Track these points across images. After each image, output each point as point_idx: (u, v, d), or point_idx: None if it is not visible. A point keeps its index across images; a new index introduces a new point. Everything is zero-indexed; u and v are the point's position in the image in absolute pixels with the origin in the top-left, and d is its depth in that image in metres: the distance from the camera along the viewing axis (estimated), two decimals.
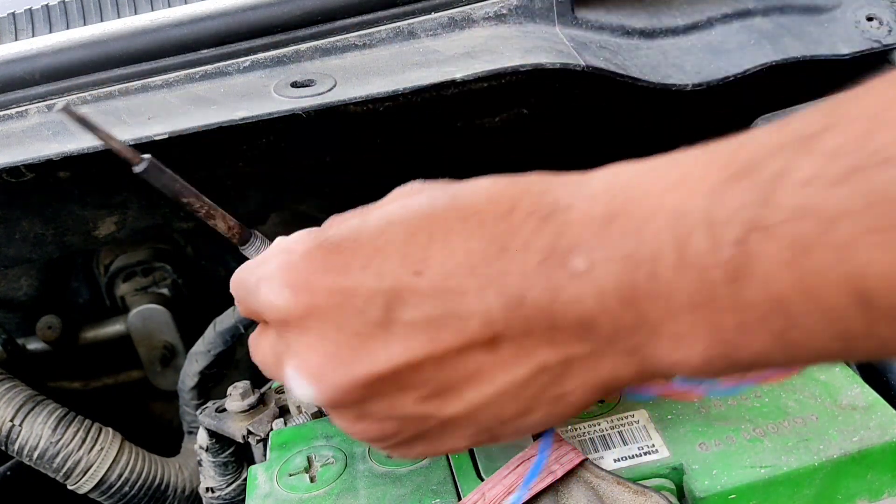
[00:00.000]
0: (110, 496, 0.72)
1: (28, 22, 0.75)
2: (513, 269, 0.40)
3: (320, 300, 0.42)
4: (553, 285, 0.39)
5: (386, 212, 0.44)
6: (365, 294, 0.41)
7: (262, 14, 0.71)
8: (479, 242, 0.41)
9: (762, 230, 0.34)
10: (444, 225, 0.42)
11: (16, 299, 0.97)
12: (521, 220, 0.41)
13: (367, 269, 0.42)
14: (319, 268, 0.43)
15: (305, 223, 0.99)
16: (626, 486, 0.49)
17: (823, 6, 0.80)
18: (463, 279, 0.40)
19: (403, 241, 0.42)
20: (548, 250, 0.39)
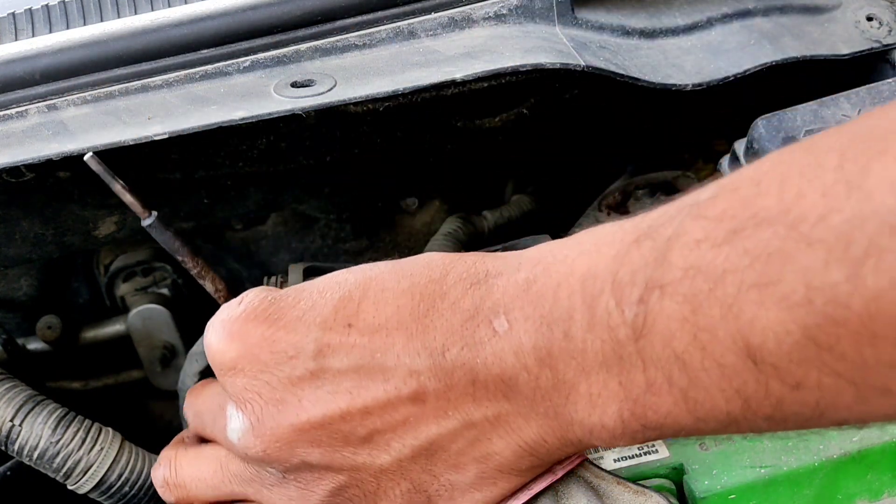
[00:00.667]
0: (110, 496, 0.72)
1: (28, 22, 0.75)
2: (438, 326, 0.42)
3: (254, 346, 0.45)
4: (475, 342, 0.42)
5: (331, 275, 0.47)
6: (297, 343, 0.44)
7: (262, 14, 0.71)
8: (410, 301, 0.43)
9: (659, 288, 0.36)
10: (378, 284, 0.45)
11: (16, 299, 0.97)
12: (452, 283, 0.44)
13: (301, 320, 0.44)
14: (258, 317, 0.45)
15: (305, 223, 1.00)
16: (626, 486, 0.49)
17: (823, 6, 0.80)
18: (391, 333, 0.43)
19: (339, 297, 0.45)
20: (473, 311, 0.42)
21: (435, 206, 0.99)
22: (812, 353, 0.33)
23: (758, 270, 0.34)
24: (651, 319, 0.37)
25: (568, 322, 0.40)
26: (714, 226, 0.35)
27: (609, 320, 0.38)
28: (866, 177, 0.31)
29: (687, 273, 0.36)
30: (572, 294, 0.40)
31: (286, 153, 0.82)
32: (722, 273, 0.35)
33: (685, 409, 0.38)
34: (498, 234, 0.97)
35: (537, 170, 1.04)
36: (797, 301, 0.33)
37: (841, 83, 0.71)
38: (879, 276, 0.31)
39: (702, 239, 0.36)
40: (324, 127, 0.80)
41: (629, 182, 0.89)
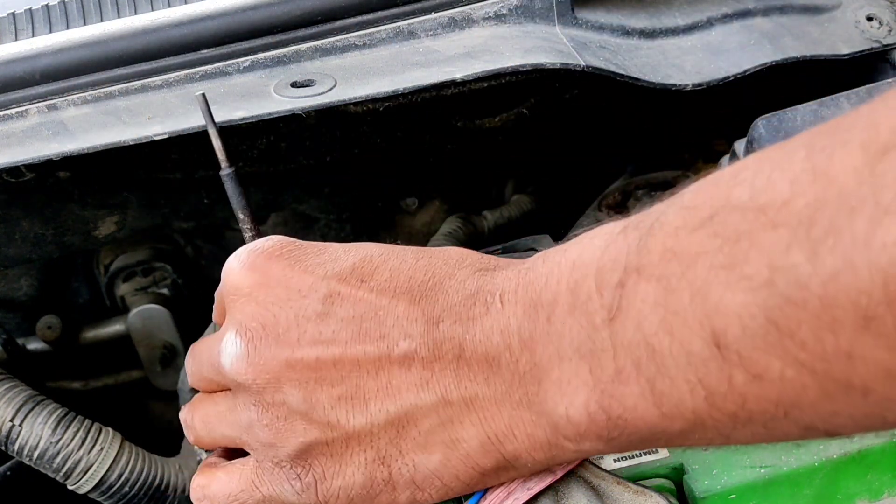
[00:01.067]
0: (110, 496, 0.72)
1: (28, 22, 0.75)
2: (440, 300, 0.45)
3: (270, 279, 0.47)
4: (467, 318, 0.44)
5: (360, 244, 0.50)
6: (311, 284, 0.46)
7: (262, 14, 0.71)
8: (423, 275, 0.46)
9: (637, 272, 0.38)
10: (399, 257, 0.48)
11: (16, 299, 0.97)
12: (464, 267, 0.47)
13: (321, 265, 0.47)
14: (282, 255, 0.48)
15: (305, 223, 1.00)
16: (626, 486, 0.49)
17: (823, 6, 0.80)
18: (397, 296, 0.46)
19: (361, 258, 0.47)
20: (474, 291, 0.45)
21: (435, 206, 0.99)
22: (774, 338, 0.33)
23: (726, 252, 0.35)
24: (626, 303, 0.38)
25: (552, 306, 0.41)
26: (692, 213, 0.37)
27: (588, 305, 0.39)
28: (830, 163, 0.33)
29: (663, 256, 0.37)
30: (560, 280, 0.41)
31: (286, 153, 0.82)
32: (694, 256, 0.36)
33: (651, 401, 0.38)
34: (498, 234, 0.97)
35: (537, 170, 1.04)
36: (761, 282, 0.33)
37: (841, 83, 0.71)
38: (836, 257, 0.31)
39: (680, 226, 0.37)
40: (324, 127, 0.80)
41: (629, 182, 0.89)
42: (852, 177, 0.32)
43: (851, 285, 0.31)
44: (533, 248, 0.75)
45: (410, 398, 0.44)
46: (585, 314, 0.40)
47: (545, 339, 0.41)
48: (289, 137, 0.80)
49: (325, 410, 0.45)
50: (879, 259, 0.30)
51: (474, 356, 0.43)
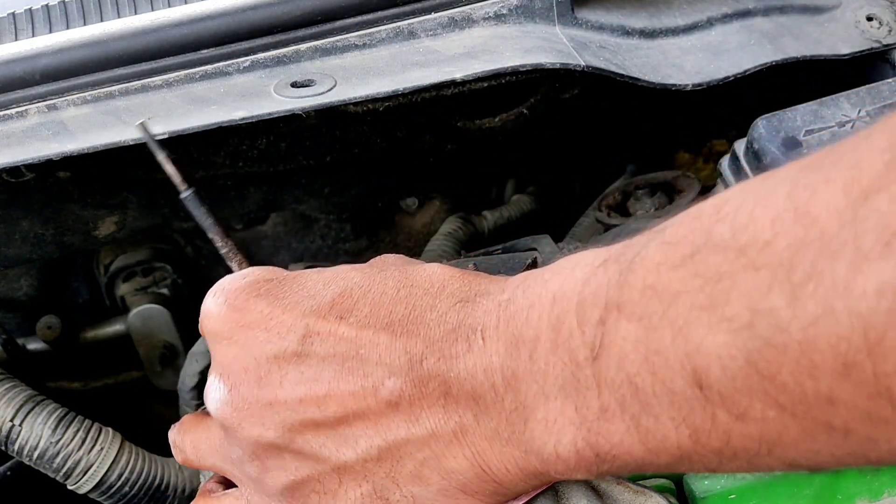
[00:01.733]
0: (110, 496, 0.72)
1: (28, 22, 0.75)
2: (422, 334, 0.44)
3: (249, 320, 0.46)
4: (450, 355, 0.43)
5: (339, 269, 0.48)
6: (289, 324, 0.45)
7: (262, 14, 0.71)
8: (404, 308, 0.45)
9: (617, 308, 0.37)
10: (380, 288, 0.46)
11: (16, 299, 0.97)
12: (444, 297, 0.45)
13: (298, 304, 0.46)
14: (259, 293, 0.47)
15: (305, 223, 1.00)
16: (626, 486, 0.49)
17: (823, 6, 0.80)
18: (378, 332, 0.44)
19: (340, 292, 0.46)
20: (455, 325, 0.44)
21: (435, 206, 0.99)
22: (755, 381, 0.33)
23: (707, 293, 0.34)
24: (608, 340, 0.38)
25: (534, 343, 0.40)
26: (673, 250, 0.36)
27: (570, 342, 0.39)
28: (813, 203, 0.32)
29: (644, 293, 0.36)
30: (541, 315, 0.40)
31: (286, 153, 0.82)
32: (675, 294, 0.35)
33: (637, 438, 0.38)
34: (498, 234, 0.97)
35: (537, 170, 1.04)
36: (741, 325, 0.33)
37: (841, 83, 0.71)
38: (817, 302, 0.31)
39: (661, 262, 0.36)
40: (324, 127, 0.80)
41: (629, 182, 0.89)
42: (834, 219, 0.31)
43: (831, 331, 0.31)
44: (533, 247, 0.75)
45: (401, 433, 0.44)
46: (568, 351, 0.39)
47: (528, 377, 0.40)
48: (289, 137, 0.80)
49: (312, 448, 0.45)
50: (859, 306, 0.30)
51: (461, 393, 0.43)
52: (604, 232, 0.85)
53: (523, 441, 0.42)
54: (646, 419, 0.37)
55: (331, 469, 0.45)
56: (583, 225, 0.89)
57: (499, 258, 0.74)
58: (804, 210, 0.32)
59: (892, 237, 0.29)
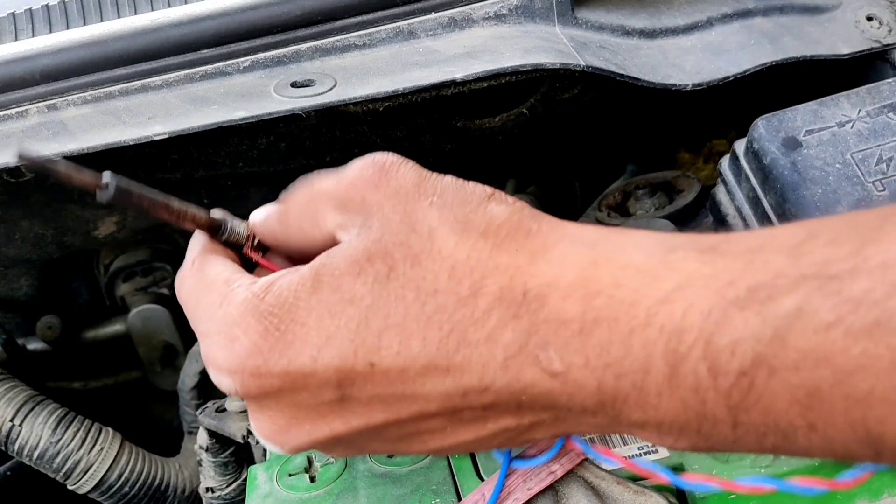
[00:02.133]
0: (110, 496, 0.72)
1: (28, 22, 0.75)
2: (475, 363, 0.37)
3: (272, 384, 0.40)
4: (522, 379, 0.37)
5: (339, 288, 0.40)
6: (320, 378, 0.39)
7: (262, 14, 0.71)
8: (438, 332, 0.38)
9: (770, 368, 0.32)
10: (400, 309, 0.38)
11: (16, 299, 0.97)
12: (486, 308, 0.37)
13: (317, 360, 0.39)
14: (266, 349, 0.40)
15: None
16: (626, 486, 0.49)
17: (823, 6, 0.80)
18: (420, 373, 0.38)
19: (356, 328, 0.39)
20: (516, 347, 0.37)
21: None
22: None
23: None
24: (753, 395, 0.33)
25: (642, 374, 0.35)
26: (851, 309, 0.31)
27: (697, 384, 0.34)
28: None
29: (807, 358, 0.31)
30: (649, 345, 0.35)
31: (286, 153, 0.82)
32: (855, 368, 0.30)
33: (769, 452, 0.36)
34: None
35: (537, 170, 1.04)
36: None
37: (841, 83, 0.71)
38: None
39: (833, 322, 0.31)
40: (324, 127, 0.80)
41: (629, 182, 0.89)
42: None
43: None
44: None
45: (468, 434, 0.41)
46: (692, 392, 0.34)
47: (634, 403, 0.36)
48: (289, 137, 0.80)
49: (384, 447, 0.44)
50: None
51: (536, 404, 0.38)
52: None
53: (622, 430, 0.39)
54: (787, 448, 0.35)
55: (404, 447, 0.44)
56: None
57: None
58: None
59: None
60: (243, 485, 0.71)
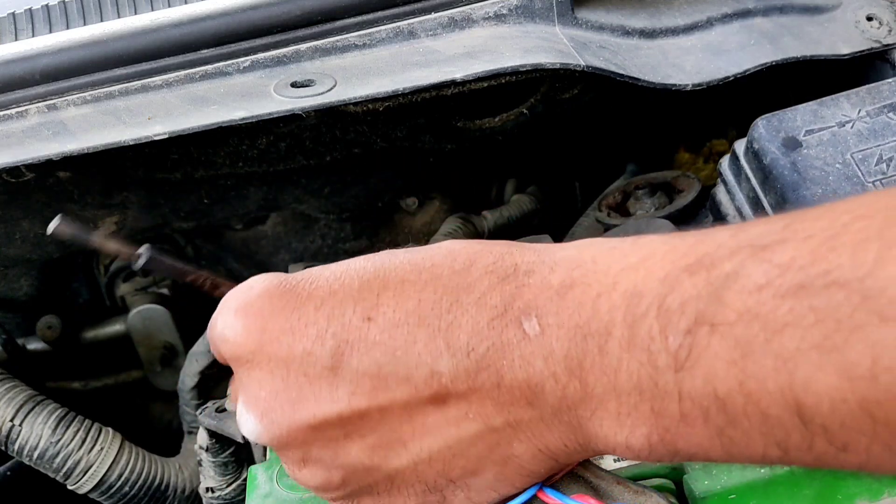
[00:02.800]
0: (110, 496, 0.72)
1: (28, 22, 0.75)
2: (464, 323, 0.40)
3: (271, 338, 0.42)
4: (502, 343, 0.40)
5: (347, 262, 0.44)
6: (315, 335, 0.42)
7: (262, 14, 0.71)
8: (433, 294, 0.41)
9: (710, 325, 0.35)
10: (398, 274, 0.42)
11: (16, 299, 0.97)
12: (478, 276, 0.41)
13: (320, 310, 0.42)
14: (274, 306, 0.43)
15: (305, 223, 1.00)
16: (626, 486, 0.49)
17: (823, 6, 0.80)
18: (412, 330, 0.41)
19: (358, 287, 0.42)
20: (501, 308, 0.40)
21: (435, 206, 0.99)
22: (867, 424, 0.32)
23: (822, 333, 0.32)
24: (696, 354, 0.36)
25: (605, 337, 0.38)
26: (779, 273, 0.34)
27: (650, 344, 0.37)
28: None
29: (742, 317, 0.34)
30: (613, 309, 0.38)
31: (286, 153, 0.82)
32: (782, 326, 0.33)
33: (719, 443, 0.37)
34: (498, 234, 0.97)
35: (537, 170, 1.04)
36: (861, 374, 0.32)
37: (841, 83, 0.71)
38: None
39: (764, 285, 0.34)
40: (324, 127, 0.80)
41: (629, 182, 0.89)
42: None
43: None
44: None
45: (451, 432, 0.42)
46: (646, 353, 0.37)
47: (598, 370, 0.38)
48: (289, 137, 0.80)
49: (361, 461, 0.43)
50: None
51: (514, 383, 0.40)
52: (604, 232, 0.85)
53: (589, 427, 0.40)
54: (732, 431, 0.36)
55: (381, 477, 0.44)
56: (583, 225, 0.89)
57: None
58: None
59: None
60: (243, 485, 0.71)
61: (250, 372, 0.44)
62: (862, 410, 0.32)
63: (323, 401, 0.42)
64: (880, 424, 0.32)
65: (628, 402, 0.38)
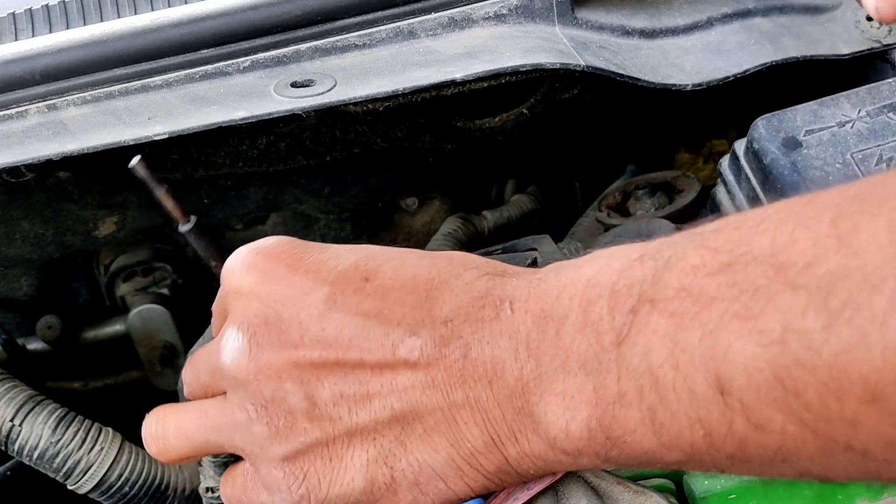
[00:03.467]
0: (110, 496, 0.72)
1: (28, 22, 0.75)
2: (448, 299, 0.45)
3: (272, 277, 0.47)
4: (476, 319, 0.44)
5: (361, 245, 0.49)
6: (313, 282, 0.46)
7: (262, 14, 0.71)
8: (427, 273, 0.46)
9: (650, 303, 0.38)
10: (401, 256, 0.47)
11: (16, 299, 0.97)
12: (471, 269, 0.46)
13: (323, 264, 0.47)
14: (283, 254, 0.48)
15: (305, 223, 1.00)
16: (626, 486, 0.49)
17: (823, 6, 0.80)
18: (403, 295, 0.45)
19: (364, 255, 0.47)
20: (483, 293, 0.45)
21: (435, 206, 0.99)
22: (779, 394, 0.34)
23: (742, 303, 0.35)
24: (636, 330, 0.39)
25: (562, 320, 0.41)
26: (711, 255, 0.37)
27: (599, 325, 0.40)
28: (856, 235, 0.33)
29: (678, 293, 0.37)
30: (573, 296, 0.42)
31: (286, 153, 0.82)
32: (710, 300, 0.36)
33: (651, 429, 0.39)
34: (498, 234, 0.97)
35: (537, 170, 1.04)
36: (772, 340, 0.34)
37: (841, 83, 0.71)
38: (852, 331, 0.32)
39: (698, 265, 0.37)
40: (324, 127, 0.80)
41: (629, 182, 0.89)
42: (877, 254, 0.32)
43: (863, 361, 0.32)
44: (533, 248, 0.75)
45: (416, 396, 0.44)
46: (595, 333, 0.40)
47: (552, 350, 0.41)
48: (289, 137, 0.80)
49: (326, 407, 0.45)
50: (894, 341, 0.31)
51: (480, 358, 0.43)
52: (604, 232, 0.85)
53: (536, 412, 0.42)
54: (662, 413, 0.38)
55: (342, 432, 0.45)
56: (583, 225, 0.89)
57: (499, 258, 0.74)
58: (847, 240, 0.33)
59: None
60: None
61: (248, 303, 0.47)
62: (775, 379, 0.34)
63: (308, 339, 0.45)
64: (791, 395, 0.34)
65: (574, 381, 0.41)
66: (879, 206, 0.33)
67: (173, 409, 0.53)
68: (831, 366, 0.32)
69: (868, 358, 0.32)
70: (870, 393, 0.32)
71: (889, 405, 0.32)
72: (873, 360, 0.32)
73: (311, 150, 0.82)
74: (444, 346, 0.44)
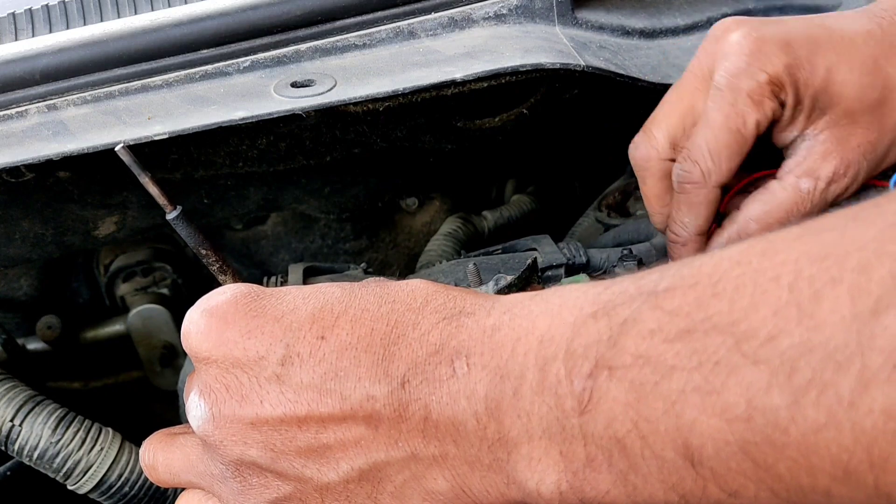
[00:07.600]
0: (110, 496, 0.72)
1: (28, 22, 0.75)
2: (404, 356, 0.43)
3: (228, 341, 0.46)
4: (434, 378, 0.43)
5: (321, 285, 0.48)
6: (269, 343, 0.45)
7: (262, 14, 0.71)
8: (385, 325, 0.44)
9: (608, 369, 0.37)
10: (361, 304, 0.46)
11: (16, 299, 0.97)
12: (427, 314, 0.45)
13: (279, 321, 0.45)
14: (238, 312, 0.46)
15: (305, 223, 1.00)
16: None
17: (823, 6, 0.80)
18: (359, 354, 0.44)
19: (321, 307, 0.46)
20: (438, 346, 0.43)
21: (435, 206, 0.99)
22: (749, 467, 0.34)
23: (703, 375, 0.34)
24: (597, 397, 0.38)
25: (519, 380, 0.40)
26: (668, 320, 0.36)
27: (558, 388, 0.39)
28: (818, 305, 0.32)
29: (636, 361, 0.37)
30: (528, 352, 0.41)
31: (286, 153, 0.82)
32: (669, 369, 0.35)
33: (624, 491, 0.38)
34: (498, 234, 0.97)
35: (537, 170, 1.04)
36: (737, 415, 0.33)
37: None
38: (819, 411, 0.31)
39: (655, 330, 0.36)
40: (324, 127, 0.80)
41: (629, 182, 0.89)
42: (840, 329, 0.31)
43: (833, 441, 0.31)
44: (533, 248, 0.75)
45: (381, 455, 0.44)
46: (554, 397, 0.39)
47: (512, 412, 0.41)
48: (289, 137, 0.80)
49: (294, 468, 0.45)
50: (864, 423, 0.31)
51: (441, 418, 0.43)
52: (604, 232, 0.85)
53: (506, 470, 0.42)
54: (634, 477, 0.38)
55: (313, 489, 0.45)
56: (583, 225, 0.89)
57: (499, 258, 0.74)
58: (809, 311, 0.32)
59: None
60: None
61: (208, 368, 0.46)
62: (744, 453, 0.34)
63: (267, 402, 0.45)
64: (761, 468, 0.33)
65: (539, 445, 0.40)
66: (840, 268, 0.32)
67: (162, 446, 0.53)
68: (800, 444, 0.32)
69: (838, 438, 0.31)
70: (841, 470, 0.32)
71: (862, 482, 0.31)
72: (843, 441, 0.31)
73: (311, 150, 0.82)
74: (403, 409, 0.43)
